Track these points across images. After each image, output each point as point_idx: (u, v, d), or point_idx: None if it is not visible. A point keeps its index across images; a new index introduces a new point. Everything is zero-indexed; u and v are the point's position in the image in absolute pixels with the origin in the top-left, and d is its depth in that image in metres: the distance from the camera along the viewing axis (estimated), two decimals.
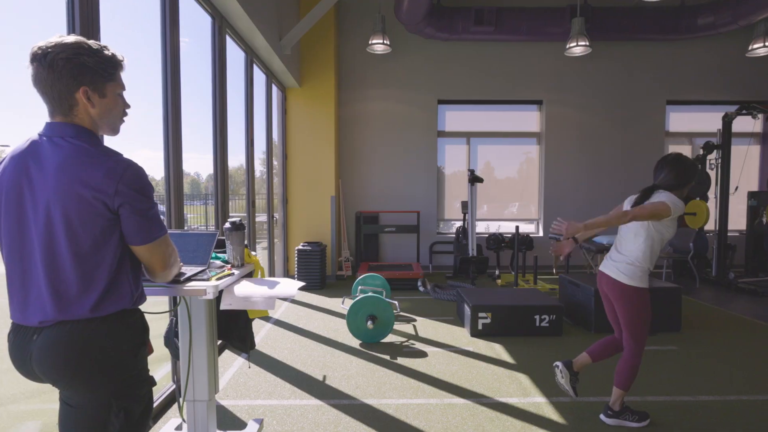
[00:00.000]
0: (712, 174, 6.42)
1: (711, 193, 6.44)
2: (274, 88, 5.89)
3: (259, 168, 5.57)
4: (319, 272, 5.81)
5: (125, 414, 1.24)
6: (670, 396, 2.80)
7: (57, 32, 1.18)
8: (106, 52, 1.21)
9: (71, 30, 2.05)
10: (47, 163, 1.14)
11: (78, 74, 1.15)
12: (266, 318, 4.54)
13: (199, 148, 3.82)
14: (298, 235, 6.42)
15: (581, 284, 4.23)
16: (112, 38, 2.31)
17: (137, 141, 2.94)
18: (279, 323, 4.37)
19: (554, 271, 6.86)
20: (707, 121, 7.33)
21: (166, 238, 1.27)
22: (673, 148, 7.49)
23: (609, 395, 2.79)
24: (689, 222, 6.39)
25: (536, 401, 2.75)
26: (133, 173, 1.17)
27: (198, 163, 4.12)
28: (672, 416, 2.55)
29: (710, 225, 6.42)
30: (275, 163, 6.18)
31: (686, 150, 7.52)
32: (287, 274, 6.36)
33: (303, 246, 5.85)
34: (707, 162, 6.50)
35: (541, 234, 7.36)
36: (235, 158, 4.58)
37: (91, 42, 1.19)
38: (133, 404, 1.26)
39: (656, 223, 2.27)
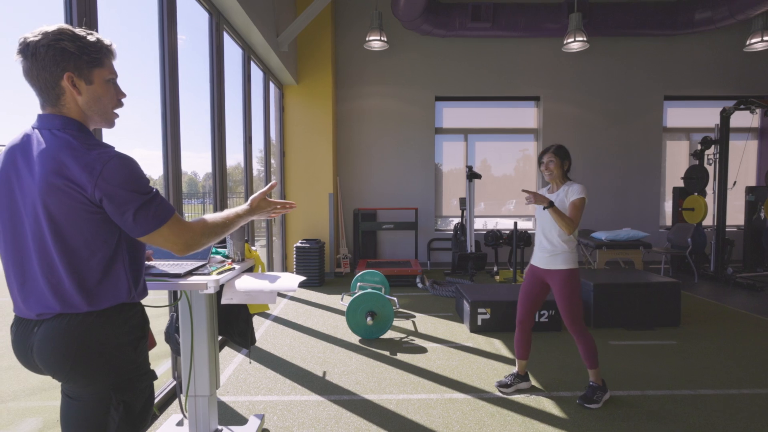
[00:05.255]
0: (710, 169, 6.44)
1: (709, 189, 6.46)
2: (272, 86, 5.88)
3: (257, 166, 5.56)
4: (317, 269, 5.80)
5: (125, 407, 1.23)
6: (671, 390, 2.81)
7: None
8: (89, 37, 1.17)
9: (69, 21, 2.03)
10: (32, 157, 1.12)
11: (60, 60, 1.12)
12: (265, 314, 4.54)
13: (196, 146, 3.80)
14: (297, 232, 6.42)
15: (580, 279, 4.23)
16: (109, 36, 2.30)
17: (132, 140, 2.93)
18: (278, 320, 4.37)
19: None
20: (705, 116, 7.35)
21: (169, 226, 1.19)
22: (670, 144, 7.52)
23: (609, 389, 2.81)
24: (687, 217, 6.41)
25: (536, 396, 2.75)
26: (113, 167, 1.10)
27: (195, 162, 4.10)
28: (673, 410, 2.56)
29: (708, 220, 6.45)
30: (273, 161, 6.17)
31: (684, 145, 7.54)
32: (286, 271, 6.36)
33: (301, 243, 5.85)
34: (705, 157, 6.52)
35: None
36: (233, 157, 4.57)
37: (75, 29, 1.16)
38: (133, 398, 1.25)
39: None
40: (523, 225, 7.47)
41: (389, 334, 3.91)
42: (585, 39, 5.57)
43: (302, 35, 6.16)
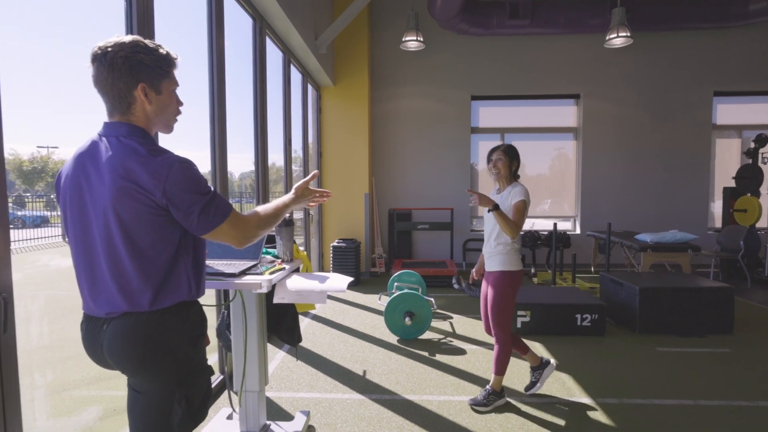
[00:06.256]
0: (765, 169, 6.08)
1: (763, 189, 6.10)
2: (310, 88, 5.97)
3: (294, 167, 5.66)
4: (353, 269, 5.86)
5: (187, 401, 1.28)
6: (726, 400, 2.68)
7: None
8: (161, 50, 1.24)
9: (130, 31, 2.14)
10: (101, 164, 1.18)
11: (136, 72, 1.18)
12: (304, 313, 4.62)
13: (233, 146, 3.90)
14: (333, 232, 6.50)
15: (625, 283, 4.10)
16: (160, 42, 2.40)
17: (178, 141, 3.04)
18: (316, 318, 4.44)
19: (593, 269, 6.68)
20: (759, 112, 6.95)
21: (229, 222, 1.25)
22: (720, 142, 7.15)
23: (658, 398, 2.71)
24: (739, 219, 6.08)
25: (582, 402, 2.68)
26: (177, 172, 1.16)
27: (231, 161, 4.21)
28: (730, 421, 2.44)
29: (762, 222, 6.10)
30: (311, 161, 6.27)
31: (735, 143, 7.16)
32: (322, 270, 6.45)
33: (338, 243, 5.92)
34: (759, 156, 6.16)
35: (578, 231, 7.17)
36: (270, 157, 4.68)
37: (147, 41, 1.23)
38: (193, 392, 1.30)
39: None
40: (561, 226, 7.29)
41: (427, 335, 3.91)
42: (628, 34, 5.39)
43: (339, 37, 6.22)
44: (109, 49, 1.17)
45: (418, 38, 5.73)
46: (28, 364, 2.81)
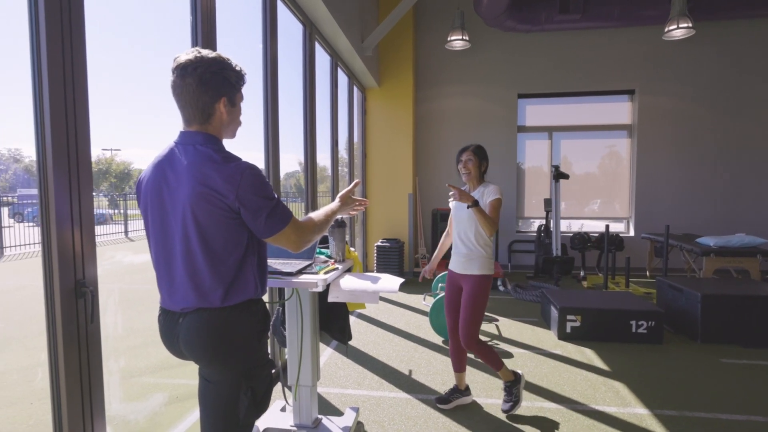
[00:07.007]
0: None
1: None
2: (355, 89, 6.07)
3: (340, 167, 5.76)
4: (397, 268, 5.90)
5: (252, 392, 1.37)
6: None
7: (183, 44, 1.30)
8: (237, 67, 1.34)
9: (195, 41, 2.27)
10: (180, 170, 1.27)
11: (221, 87, 1.29)
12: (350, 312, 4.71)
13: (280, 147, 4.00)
14: (377, 231, 6.57)
15: (685, 289, 3.88)
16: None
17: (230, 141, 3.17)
18: (361, 317, 4.51)
19: (648, 273, 6.36)
20: None
21: (291, 226, 1.33)
22: None
23: (723, 412, 2.56)
24: None
25: (637, 412, 2.58)
26: (248, 177, 1.24)
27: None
28: None
29: None
30: (356, 161, 6.36)
31: None
32: (366, 269, 6.54)
33: (382, 242, 5.98)
34: None
35: (632, 233, 6.86)
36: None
37: (225, 57, 1.32)
38: (258, 384, 1.39)
39: None
40: (613, 227, 6.99)
41: None
42: (690, 25, 5.09)
43: (384, 39, 6.28)
44: (199, 65, 1.26)
45: (464, 37, 5.68)
46: (103, 352, 3.05)
